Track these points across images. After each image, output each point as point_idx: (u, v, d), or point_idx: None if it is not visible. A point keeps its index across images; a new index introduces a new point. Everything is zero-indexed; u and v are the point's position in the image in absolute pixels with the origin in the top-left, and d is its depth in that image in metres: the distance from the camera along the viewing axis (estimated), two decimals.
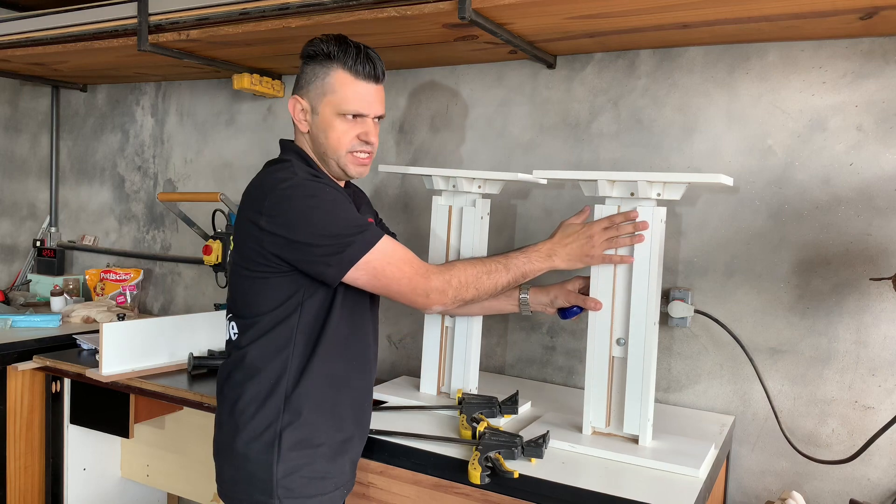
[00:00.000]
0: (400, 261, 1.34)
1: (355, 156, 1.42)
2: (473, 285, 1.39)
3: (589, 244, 1.45)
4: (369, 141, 1.41)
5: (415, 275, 1.34)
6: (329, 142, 1.40)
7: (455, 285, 1.36)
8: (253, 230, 1.33)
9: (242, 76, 2.41)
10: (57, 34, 2.33)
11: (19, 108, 3.43)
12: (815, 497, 1.71)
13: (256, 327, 1.36)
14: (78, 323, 2.62)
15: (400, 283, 1.34)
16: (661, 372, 1.87)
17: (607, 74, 1.98)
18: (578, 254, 1.46)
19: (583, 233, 1.46)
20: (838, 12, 1.50)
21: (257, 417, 1.34)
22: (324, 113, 1.39)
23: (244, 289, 1.39)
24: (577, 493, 1.27)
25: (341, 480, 1.40)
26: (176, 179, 2.89)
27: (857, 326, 1.68)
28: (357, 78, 1.38)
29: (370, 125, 1.41)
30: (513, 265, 1.43)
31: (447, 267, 1.39)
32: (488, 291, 1.42)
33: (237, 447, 1.35)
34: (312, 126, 1.42)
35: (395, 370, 2.29)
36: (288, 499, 1.32)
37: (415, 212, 2.29)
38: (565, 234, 1.49)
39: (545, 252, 1.46)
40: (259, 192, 1.35)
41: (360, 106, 1.39)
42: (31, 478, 2.34)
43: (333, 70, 1.38)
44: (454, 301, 1.38)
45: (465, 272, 1.38)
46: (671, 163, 1.89)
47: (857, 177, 1.67)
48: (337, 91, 1.38)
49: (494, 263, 1.42)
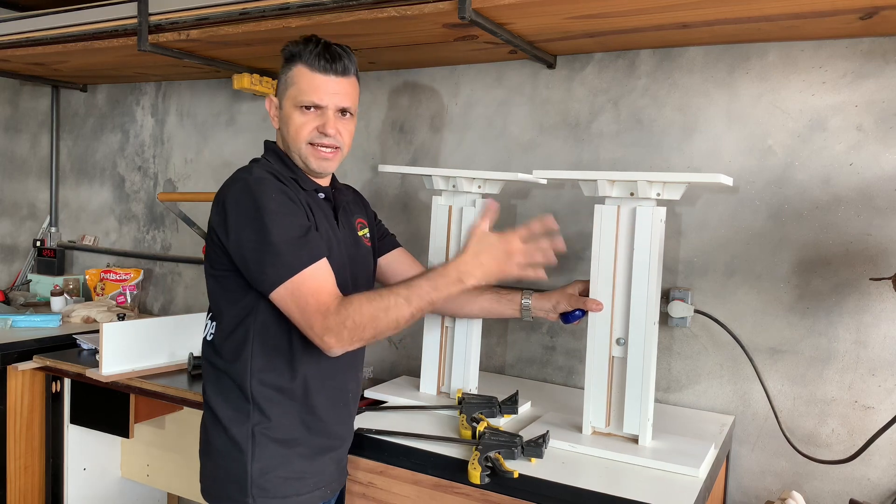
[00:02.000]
0: (309, 292, 1.25)
1: (316, 148, 1.41)
2: (371, 325, 1.26)
3: (507, 261, 1.33)
4: (326, 133, 1.40)
5: (315, 311, 1.25)
6: (290, 134, 1.41)
7: (350, 326, 1.25)
8: (211, 230, 1.35)
9: (242, 76, 2.41)
10: (57, 34, 2.33)
11: (19, 108, 3.43)
12: (815, 497, 1.71)
13: (221, 327, 1.38)
14: (78, 323, 2.62)
15: (303, 316, 1.26)
16: (661, 372, 1.87)
17: (607, 74, 1.98)
18: (495, 272, 1.33)
19: (500, 247, 1.33)
20: (838, 12, 1.50)
21: (229, 416, 1.35)
22: (285, 106, 1.42)
23: (210, 287, 1.41)
24: (577, 493, 1.27)
25: (322, 480, 1.39)
26: (176, 179, 2.89)
27: (857, 326, 1.68)
28: (313, 70, 1.39)
29: (329, 117, 1.40)
30: (415, 296, 1.29)
31: (345, 304, 1.26)
32: (390, 328, 1.29)
33: (215, 445, 1.37)
34: (279, 121, 1.45)
35: (395, 370, 2.29)
36: (262, 498, 1.32)
37: (415, 212, 2.29)
38: (479, 249, 1.33)
39: (455, 276, 1.31)
40: (221, 191, 1.36)
41: (315, 97, 1.39)
42: (31, 478, 2.34)
43: (295, 65, 1.41)
44: (352, 342, 1.26)
45: (360, 312, 1.25)
46: (671, 163, 1.89)
47: (857, 177, 1.67)
48: (295, 84, 1.40)
49: (394, 297, 1.28)
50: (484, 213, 1.39)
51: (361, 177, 2.37)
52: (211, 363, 1.41)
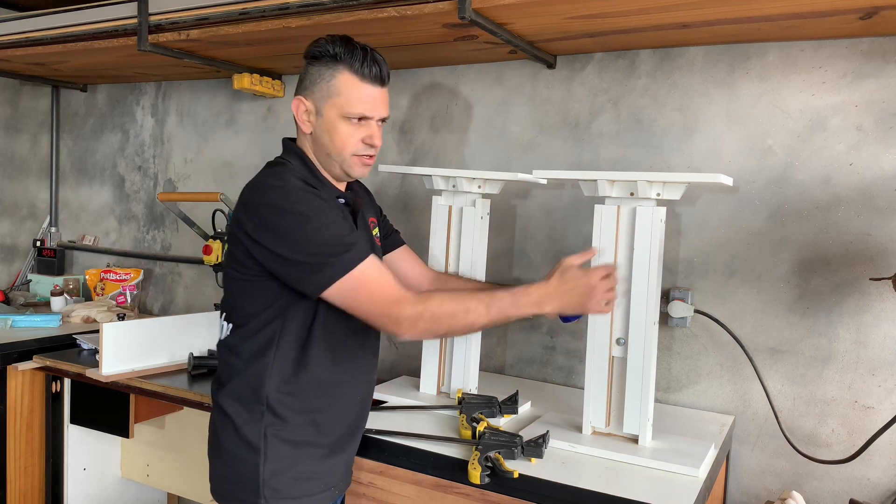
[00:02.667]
0: (375, 285, 1.30)
1: (360, 158, 1.41)
2: (447, 322, 1.32)
3: (590, 297, 1.38)
4: (374, 144, 1.40)
5: (388, 301, 1.30)
6: (333, 144, 1.39)
7: (427, 318, 1.30)
8: (242, 235, 1.33)
9: (242, 76, 2.41)
10: (57, 34, 2.33)
11: (19, 108, 3.43)
12: (815, 497, 1.71)
13: (243, 329, 1.37)
14: (78, 323, 2.61)
15: (371, 308, 1.30)
16: (661, 372, 1.87)
17: (607, 74, 1.98)
18: (576, 304, 1.39)
19: (583, 281, 1.38)
20: (838, 12, 1.50)
21: (243, 417, 1.35)
22: (328, 115, 1.38)
23: (233, 290, 1.40)
24: (577, 493, 1.27)
25: (332, 481, 1.39)
26: (176, 179, 2.89)
27: (857, 326, 1.68)
28: (363, 80, 1.37)
29: (374, 128, 1.40)
30: (496, 306, 1.34)
31: (424, 297, 1.32)
32: (463, 330, 1.37)
33: (226, 446, 1.37)
34: (316, 127, 1.41)
35: (395, 370, 2.29)
36: (274, 499, 1.32)
37: (415, 212, 2.29)
38: (565, 279, 1.39)
39: (536, 299, 1.37)
40: (250, 195, 1.35)
41: (365, 109, 1.37)
42: (31, 478, 2.34)
43: (339, 72, 1.36)
44: (425, 333, 1.34)
45: (440, 307, 1.31)
46: (671, 163, 1.89)
47: (857, 177, 1.67)
48: (343, 93, 1.36)
49: (476, 302, 1.34)
50: (583, 254, 1.45)
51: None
52: (228, 364, 1.39)
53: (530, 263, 2.10)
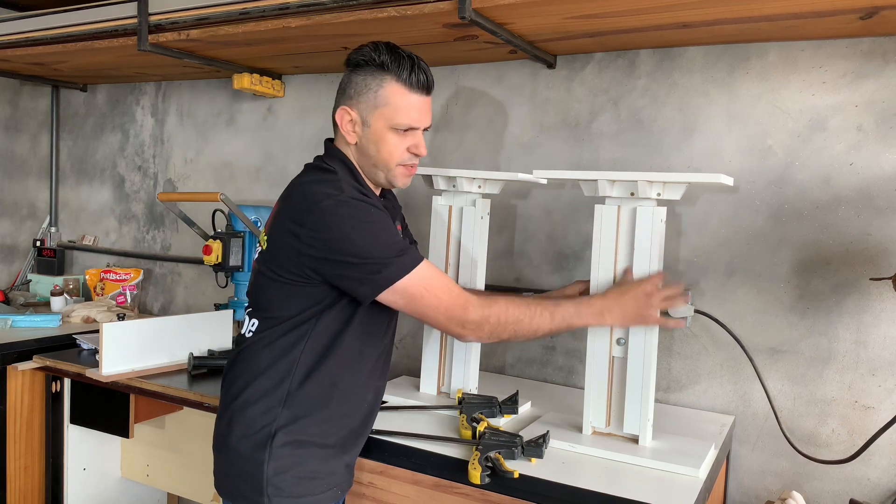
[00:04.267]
0: (438, 288, 1.32)
1: (405, 167, 1.42)
2: (513, 326, 1.35)
3: (646, 303, 1.39)
4: (419, 153, 1.41)
5: (452, 304, 1.32)
6: (380, 155, 1.39)
7: (493, 322, 1.33)
8: (291, 239, 1.31)
9: (242, 76, 2.41)
10: (57, 34, 2.33)
11: (19, 108, 3.43)
12: (815, 497, 1.71)
13: (272, 329, 1.37)
14: (78, 323, 2.61)
15: (437, 311, 1.32)
16: (661, 372, 1.87)
17: (607, 74, 1.98)
18: (634, 313, 1.40)
19: (640, 290, 1.39)
20: (838, 12, 1.50)
21: (254, 415, 1.35)
22: (376, 126, 1.37)
23: (270, 290, 1.38)
24: (577, 493, 1.27)
25: (334, 481, 1.39)
26: (176, 179, 2.89)
27: (857, 326, 1.68)
28: (411, 91, 1.36)
29: (420, 137, 1.40)
30: (559, 315, 1.37)
31: (490, 301, 1.35)
32: (526, 335, 1.38)
33: (231, 442, 1.37)
34: (362, 138, 1.40)
35: (395, 370, 2.29)
36: (277, 497, 1.32)
37: (415, 212, 2.29)
38: (622, 291, 1.41)
39: (598, 308, 1.39)
40: (303, 202, 1.32)
41: (413, 119, 1.37)
42: (31, 478, 2.34)
43: (387, 82, 1.35)
44: (490, 336, 1.36)
45: (506, 311, 1.34)
46: (671, 163, 1.89)
47: (857, 177, 1.67)
48: (391, 103, 1.36)
49: (541, 309, 1.36)
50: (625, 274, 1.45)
51: None
52: (248, 361, 1.39)
53: (530, 263, 2.10)
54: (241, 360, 1.41)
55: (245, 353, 1.40)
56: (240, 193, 2.69)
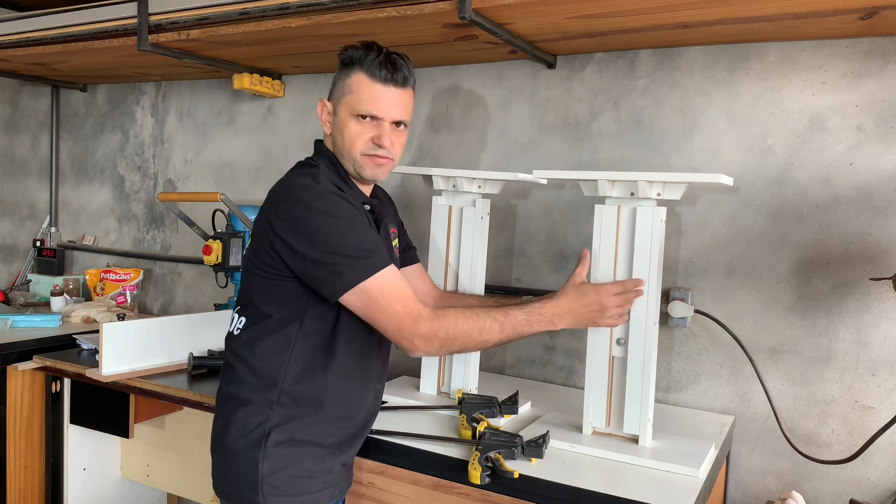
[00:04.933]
0: (393, 297, 1.30)
1: (371, 158, 1.42)
2: (461, 341, 1.34)
3: (600, 314, 1.41)
4: (382, 144, 1.40)
5: (404, 316, 1.30)
6: (344, 142, 1.41)
7: (442, 337, 1.32)
8: (267, 230, 1.33)
9: (242, 76, 2.41)
10: (57, 34, 2.33)
11: (19, 108, 3.43)
12: (815, 497, 1.71)
13: (260, 326, 1.37)
14: (78, 323, 2.61)
15: (390, 320, 1.30)
16: (661, 372, 1.87)
17: (607, 74, 1.97)
18: (586, 321, 1.42)
19: (595, 299, 1.40)
20: (838, 12, 1.50)
21: (248, 414, 1.35)
22: (341, 114, 1.41)
23: (253, 285, 1.39)
24: (577, 493, 1.27)
25: (330, 481, 1.39)
26: (176, 179, 2.89)
27: (857, 326, 1.68)
28: (373, 80, 1.38)
29: (385, 128, 1.40)
30: (509, 325, 1.37)
31: (440, 315, 1.33)
32: (477, 348, 1.39)
33: (227, 442, 1.37)
34: (333, 127, 1.44)
35: (395, 370, 2.29)
36: (273, 496, 1.32)
37: (415, 212, 2.29)
38: (577, 297, 1.42)
39: (549, 318, 1.39)
40: (280, 193, 1.35)
41: (372, 107, 1.38)
42: (31, 478, 2.34)
43: (354, 72, 1.39)
44: (439, 350, 1.34)
45: (455, 326, 1.33)
46: (671, 163, 1.89)
47: (857, 177, 1.67)
48: (353, 92, 1.39)
49: (490, 321, 1.35)
50: (581, 262, 1.46)
51: None
52: (240, 359, 1.39)
53: (530, 263, 2.10)
54: (233, 359, 1.41)
55: (236, 353, 1.40)
56: (240, 193, 2.69)
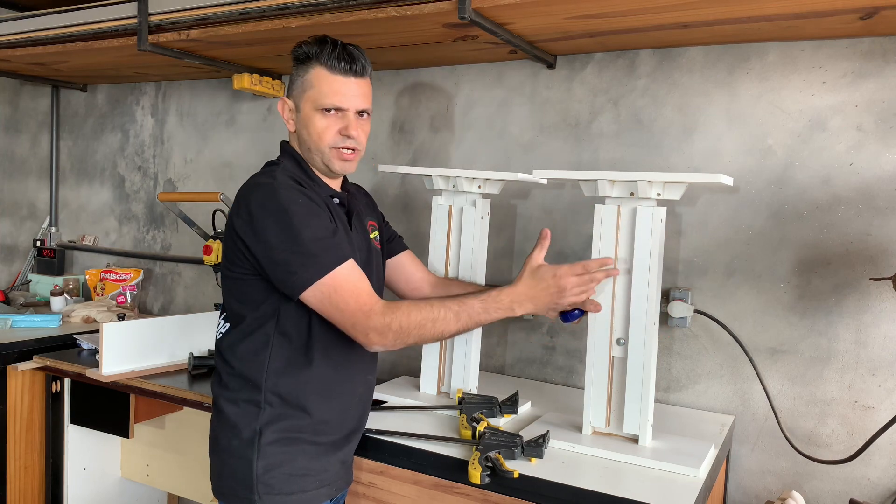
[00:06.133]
0: (347, 292, 1.29)
1: (339, 151, 1.42)
2: (416, 332, 1.32)
3: (559, 296, 1.39)
4: (349, 135, 1.41)
5: (356, 310, 1.29)
6: (311, 137, 1.41)
7: (395, 329, 1.30)
8: (231, 232, 1.35)
9: (242, 76, 2.41)
10: (57, 34, 2.33)
11: (19, 108, 3.43)
12: (815, 497, 1.71)
13: (240, 327, 1.39)
14: (78, 323, 2.61)
15: (343, 316, 1.30)
16: (661, 372, 1.87)
17: (607, 74, 1.98)
18: (546, 305, 1.40)
19: (553, 283, 1.39)
20: (838, 12, 1.50)
21: (238, 415, 1.36)
22: (304, 109, 1.41)
23: (228, 287, 1.41)
24: (577, 493, 1.27)
25: (326, 478, 1.39)
26: (176, 179, 2.89)
27: (857, 326, 1.68)
28: (333, 72, 1.39)
29: (351, 119, 1.41)
30: (465, 314, 1.36)
31: (393, 308, 1.32)
32: (433, 338, 1.37)
33: (221, 443, 1.38)
34: (297, 124, 1.44)
35: (395, 370, 2.29)
36: (268, 495, 1.33)
37: (415, 212, 2.29)
38: (535, 282, 1.40)
39: (507, 304, 1.38)
40: (242, 192, 1.37)
41: (336, 100, 1.39)
42: (31, 478, 2.34)
43: (312, 66, 1.40)
44: (395, 343, 1.32)
45: (408, 317, 1.31)
46: (671, 163, 1.89)
47: (857, 177, 1.67)
48: (315, 86, 1.39)
49: (445, 311, 1.34)
50: (539, 243, 1.44)
51: (362, 177, 2.37)
52: (225, 362, 1.41)
53: None
54: (219, 362, 1.43)
55: (221, 356, 1.43)
56: None
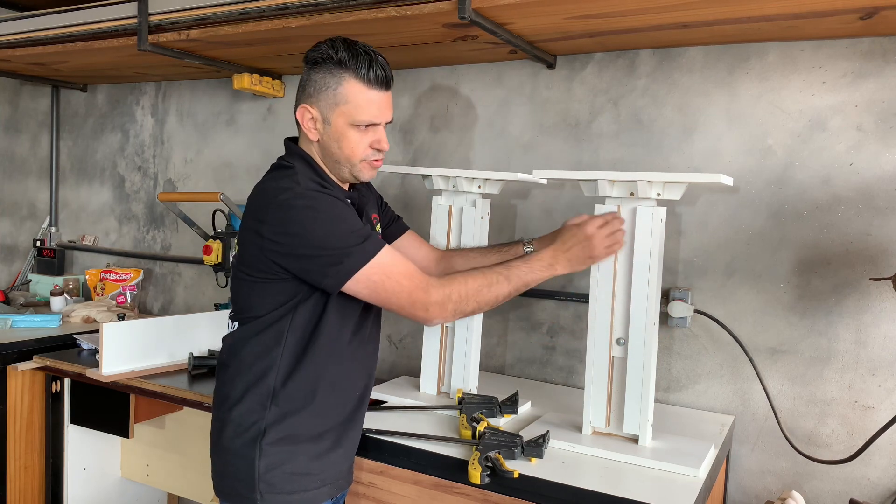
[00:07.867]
0: (399, 274, 1.33)
1: (369, 162, 1.42)
2: (474, 298, 1.37)
3: (589, 246, 1.43)
4: (382, 148, 1.41)
5: (415, 289, 1.33)
6: (343, 151, 1.39)
7: (455, 299, 1.35)
8: (254, 237, 1.33)
9: (242, 76, 2.41)
10: (57, 34, 2.33)
11: (19, 108, 3.43)
12: (815, 497, 1.71)
13: (251, 327, 1.38)
14: (78, 323, 2.61)
15: (399, 297, 1.33)
16: (661, 372, 1.87)
17: (607, 74, 1.97)
18: (580, 257, 1.44)
19: (579, 232, 1.44)
20: (838, 12, 1.50)
21: (243, 413, 1.36)
22: (337, 123, 1.37)
23: (244, 292, 1.40)
24: (577, 493, 1.27)
25: (328, 478, 1.40)
26: (176, 179, 2.89)
27: (857, 326, 1.68)
28: (370, 87, 1.36)
29: (382, 132, 1.41)
30: (514, 276, 1.40)
31: (448, 280, 1.37)
32: (489, 303, 1.40)
33: (223, 442, 1.38)
34: (324, 135, 1.39)
35: (395, 370, 2.29)
36: (269, 494, 1.33)
37: (415, 212, 2.29)
38: (563, 239, 1.46)
39: (547, 261, 1.43)
40: (261, 199, 1.35)
41: (373, 115, 1.37)
42: (31, 478, 2.34)
43: (346, 79, 1.35)
44: (454, 314, 1.37)
45: (465, 285, 1.36)
46: (671, 163, 1.89)
47: (857, 177, 1.67)
48: (350, 101, 1.36)
49: (496, 275, 1.39)
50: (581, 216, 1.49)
51: None
52: (232, 360, 1.40)
53: None
54: (227, 362, 1.43)
55: (230, 355, 1.42)
56: (240, 193, 2.69)
